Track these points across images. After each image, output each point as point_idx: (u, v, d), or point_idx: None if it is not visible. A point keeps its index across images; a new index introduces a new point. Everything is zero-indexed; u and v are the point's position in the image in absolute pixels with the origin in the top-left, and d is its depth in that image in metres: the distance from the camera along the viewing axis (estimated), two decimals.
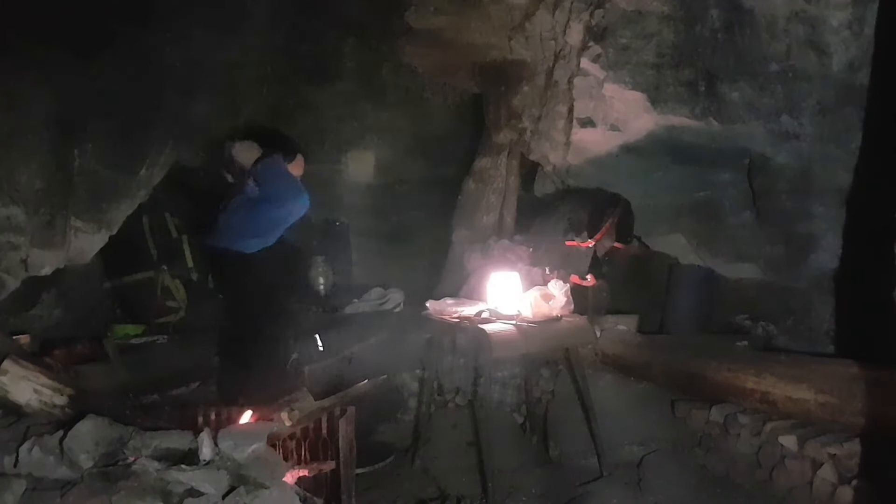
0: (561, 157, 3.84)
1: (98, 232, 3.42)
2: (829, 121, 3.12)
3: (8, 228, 2.99)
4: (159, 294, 4.29)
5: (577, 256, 3.95)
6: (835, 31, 2.93)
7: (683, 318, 4.01)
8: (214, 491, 1.55)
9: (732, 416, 3.01)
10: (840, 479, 2.50)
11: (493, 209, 4.35)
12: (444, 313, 3.17)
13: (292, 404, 2.04)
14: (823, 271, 3.43)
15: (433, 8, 3.83)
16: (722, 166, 3.52)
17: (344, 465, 2.16)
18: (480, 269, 3.67)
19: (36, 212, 3.08)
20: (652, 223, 3.93)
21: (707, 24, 3.13)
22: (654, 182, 3.72)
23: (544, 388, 3.66)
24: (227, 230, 3.30)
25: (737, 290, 3.95)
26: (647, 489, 2.98)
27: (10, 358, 1.82)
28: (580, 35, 3.43)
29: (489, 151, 4.36)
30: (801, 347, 3.51)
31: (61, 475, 1.62)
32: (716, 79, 3.19)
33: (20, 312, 3.53)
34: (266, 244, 3.31)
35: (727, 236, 3.69)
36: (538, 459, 3.37)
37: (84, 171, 3.29)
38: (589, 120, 3.55)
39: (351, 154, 4.93)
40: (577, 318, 3.19)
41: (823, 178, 3.25)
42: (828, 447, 2.56)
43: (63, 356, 3.13)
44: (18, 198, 3.01)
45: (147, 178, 3.60)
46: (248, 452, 1.68)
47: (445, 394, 3.60)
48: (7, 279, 3.03)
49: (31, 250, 3.09)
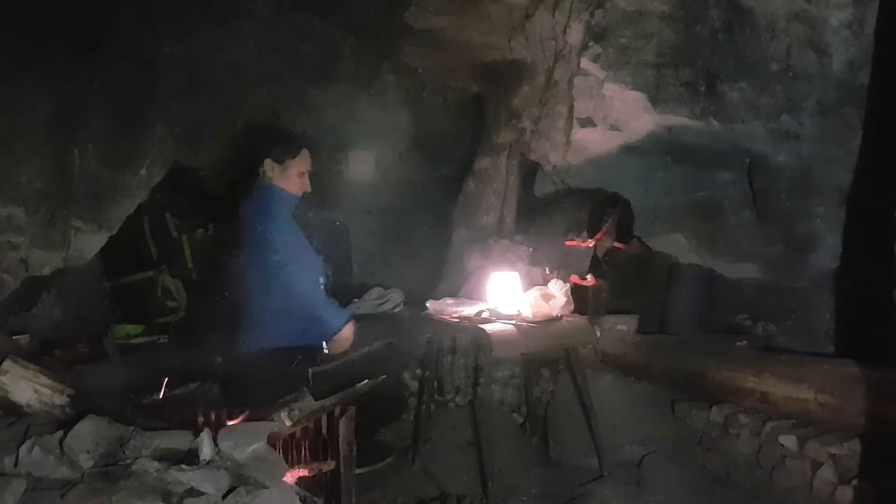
0: (561, 157, 3.84)
1: (98, 232, 3.42)
2: (829, 121, 3.12)
3: (8, 228, 2.99)
4: (159, 294, 4.29)
5: (577, 256, 3.95)
6: (835, 30, 2.93)
7: (683, 317, 4.01)
8: (214, 491, 1.55)
9: (732, 415, 3.01)
10: (840, 479, 2.50)
11: (494, 209, 4.35)
12: (444, 313, 3.17)
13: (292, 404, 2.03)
14: (823, 271, 3.42)
15: (433, 8, 3.82)
16: (722, 166, 3.52)
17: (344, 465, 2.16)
18: (480, 269, 3.66)
19: (36, 212, 3.08)
20: (652, 223, 3.93)
21: (707, 24, 3.14)
22: (654, 182, 3.72)
23: (544, 388, 3.66)
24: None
25: (737, 289, 3.95)
26: (647, 489, 2.98)
27: (10, 358, 1.82)
28: (580, 35, 3.43)
29: (489, 151, 4.36)
30: (801, 347, 3.51)
31: (61, 475, 1.61)
32: (716, 79, 3.19)
33: (20, 312, 3.52)
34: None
35: (727, 236, 3.69)
36: (538, 459, 3.37)
37: (84, 171, 3.29)
38: (589, 120, 3.55)
39: (351, 154, 4.92)
40: (577, 318, 3.18)
41: (823, 178, 3.26)
42: (828, 447, 2.56)
43: (63, 356, 3.13)
44: (18, 198, 3.01)
45: (147, 178, 3.59)
46: (248, 452, 1.68)
47: (445, 394, 3.60)
48: (7, 279, 3.03)
49: (31, 250, 3.09)
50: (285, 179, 3.04)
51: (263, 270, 2.90)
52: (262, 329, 2.95)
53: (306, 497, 1.82)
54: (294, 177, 3.04)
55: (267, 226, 2.90)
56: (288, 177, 3.04)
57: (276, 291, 2.87)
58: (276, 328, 2.93)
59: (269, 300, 2.91)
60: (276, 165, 3.03)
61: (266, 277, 2.89)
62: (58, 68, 3.09)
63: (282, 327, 2.92)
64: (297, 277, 2.89)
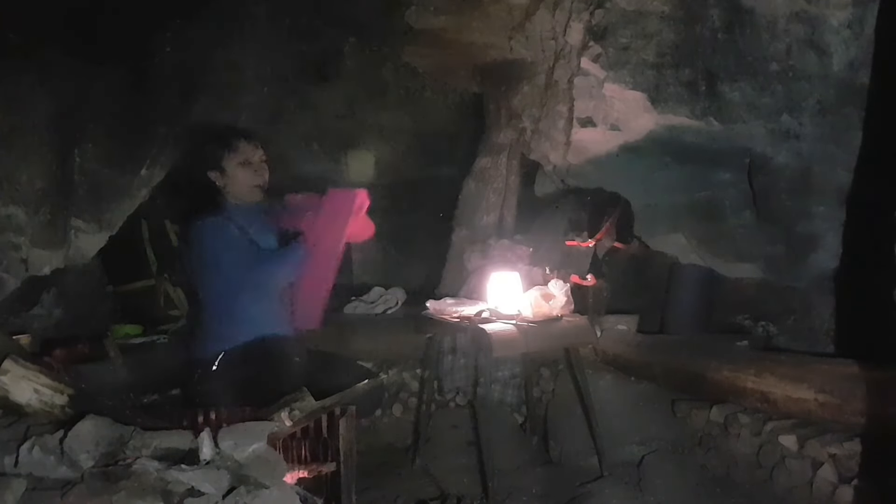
0: (561, 157, 3.84)
1: (98, 232, 3.42)
2: (829, 121, 3.12)
3: (8, 228, 2.99)
4: (161, 303, 4.28)
5: (577, 256, 3.95)
6: (835, 30, 2.93)
7: (683, 317, 4.01)
8: (215, 490, 1.55)
9: (732, 415, 3.01)
10: (840, 478, 2.50)
11: (494, 209, 4.35)
12: (444, 313, 3.17)
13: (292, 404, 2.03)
14: (823, 271, 3.43)
15: (433, 8, 3.82)
16: (722, 166, 3.52)
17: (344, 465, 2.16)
18: (480, 269, 3.67)
19: (36, 212, 3.08)
20: (652, 223, 3.93)
21: (707, 24, 3.14)
22: (655, 182, 3.72)
23: (544, 387, 3.67)
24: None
25: (737, 289, 3.95)
26: (647, 489, 2.98)
27: (10, 358, 1.81)
28: (580, 35, 3.43)
29: (489, 151, 4.36)
30: (801, 347, 3.51)
31: (61, 475, 1.61)
32: (716, 78, 3.19)
33: (20, 312, 3.52)
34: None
35: (727, 236, 3.69)
36: (538, 459, 3.38)
37: (84, 171, 3.28)
38: (589, 120, 3.55)
39: (351, 154, 4.92)
40: (578, 318, 3.19)
41: (823, 178, 3.25)
42: (828, 447, 2.56)
43: (63, 356, 3.12)
44: (18, 198, 3.01)
45: (147, 178, 3.59)
46: (248, 452, 1.68)
47: (445, 394, 3.61)
48: (7, 279, 3.03)
49: (31, 250, 3.09)
50: (234, 184, 2.66)
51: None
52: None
53: (306, 497, 1.82)
54: (238, 175, 2.65)
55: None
56: (235, 179, 2.66)
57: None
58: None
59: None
60: (217, 174, 2.66)
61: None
62: (58, 68, 3.09)
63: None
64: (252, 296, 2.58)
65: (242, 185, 2.67)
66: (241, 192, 2.68)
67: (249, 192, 2.69)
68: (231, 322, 2.58)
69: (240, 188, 2.68)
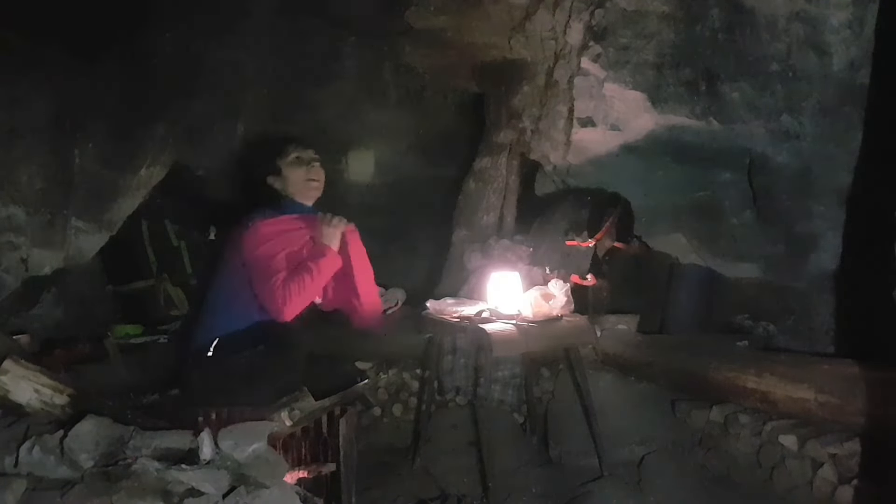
0: (561, 157, 3.84)
1: (98, 232, 3.43)
2: (829, 121, 3.12)
3: (8, 228, 3.00)
4: (162, 303, 4.28)
5: (577, 256, 3.95)
6: (835, 30, 2.93)
7: (683, 317, 4.01)
8: (215, 490, 1.55)
9: (732, 415, 3.01)
10: (840, 478, 2.50)
11: (494, 209, 4.34)
12: (445, 313, 3.17)
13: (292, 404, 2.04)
14: (823, 271, 3.43)
15: (433, 8, 3.82)
16: (722, 166, 3.52)
17: (344, 465, 2.16)
18: (480, 269, 3.67)
19: (36, 212, 3.09)
20: (652, 223, 3.93)
21: (707, 24, 3.13)
22: (655, 182, 3.72)
23: (544, 387, 3.67)
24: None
25: (737, 289, 3.95)
26: (647, 489, 2.98)
27: (10, 358, 1.82)
28: (580, 35, 3.43)
29: (489, 151, 4.36)
30: (801, 347, 3.51)
31: (62, 475, 1.62)
32: (716, 78, 3.19)
33: (20, 312, 3.52)
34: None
35: (727, 236, 3.69)
36: (538, 459, 3.37)
37: (84, 171, 3.29)
38: (589, 120, 3.55)
39: (351, 154, 4.92)
40: (578, 318, 3.18)
41: (823, 178, 3.25)
42: (828, 447, 2.56)
43: (63, 356, 3.13)
44: (18, 198, 3.02)
45: (147, 178, 3.60)
46: (248, 452, 1.68)
47: (445, 394, 3.61)
48: (7, 279, 3.04)
49: (31, 250, 3.10)
50: (290, 183, 2.81)
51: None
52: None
53: (306, 497, 1.82)
54: (293, 173, 2.80)
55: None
56: (290, 177, 2.81)
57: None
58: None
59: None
60: (274, 178, 2.82)
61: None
62: (58, 68, 3.09)
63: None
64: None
65: (298, 181, 2.80)
66: (298, 190, 2.80)
67: (306, 188, 2.82)
68: (227, 312, 2.60)
69: (296, 185, 2.80)
